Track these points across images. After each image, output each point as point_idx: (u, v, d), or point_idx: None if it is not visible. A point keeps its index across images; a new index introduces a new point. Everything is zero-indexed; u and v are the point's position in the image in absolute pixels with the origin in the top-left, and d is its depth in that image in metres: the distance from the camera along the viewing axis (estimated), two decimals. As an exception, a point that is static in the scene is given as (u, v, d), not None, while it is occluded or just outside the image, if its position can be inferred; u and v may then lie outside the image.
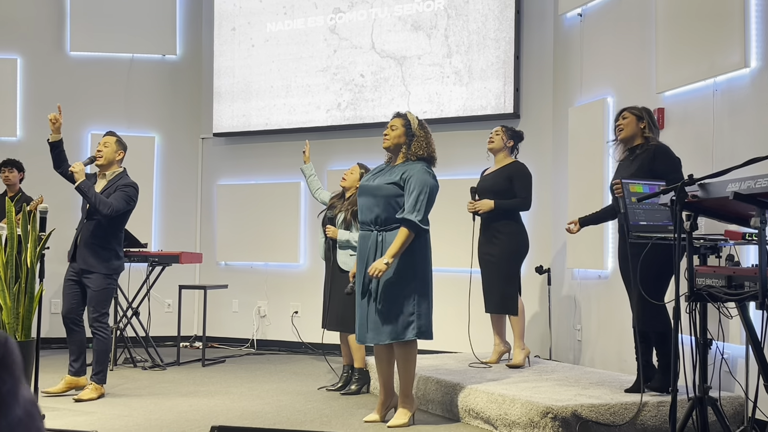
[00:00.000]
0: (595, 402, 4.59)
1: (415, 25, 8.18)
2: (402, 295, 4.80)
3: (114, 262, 5.88)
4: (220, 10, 9.26)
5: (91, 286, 5.78)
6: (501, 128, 6.18)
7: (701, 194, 3.42)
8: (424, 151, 4.92)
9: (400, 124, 4.98)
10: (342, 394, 6.07)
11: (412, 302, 4.81)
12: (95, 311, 5.77)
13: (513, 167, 6.05)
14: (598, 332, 6.50)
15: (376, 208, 4.87)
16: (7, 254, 4.98)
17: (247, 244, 9.07)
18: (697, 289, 3.58)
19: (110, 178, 5.96)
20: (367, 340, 4.93)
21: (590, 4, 6.73)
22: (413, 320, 4.80)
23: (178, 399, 5.87)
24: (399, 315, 4.79)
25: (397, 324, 4.79)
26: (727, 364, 4.45)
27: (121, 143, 6.06)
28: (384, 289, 4.80)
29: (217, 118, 9.22)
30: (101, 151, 5.96)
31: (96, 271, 5.78)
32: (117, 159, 6.00)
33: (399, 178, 4.85)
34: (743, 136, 4.96)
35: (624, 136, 5.03)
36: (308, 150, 6.75)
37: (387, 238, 4.83)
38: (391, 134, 4.98)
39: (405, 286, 4.80)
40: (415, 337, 4.81)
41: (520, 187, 5.96)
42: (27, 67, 9.10)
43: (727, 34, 5.05)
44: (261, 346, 8.89)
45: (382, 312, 4.81)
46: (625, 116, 5.04)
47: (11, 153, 8.47)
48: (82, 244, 5.82)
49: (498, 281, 5.96)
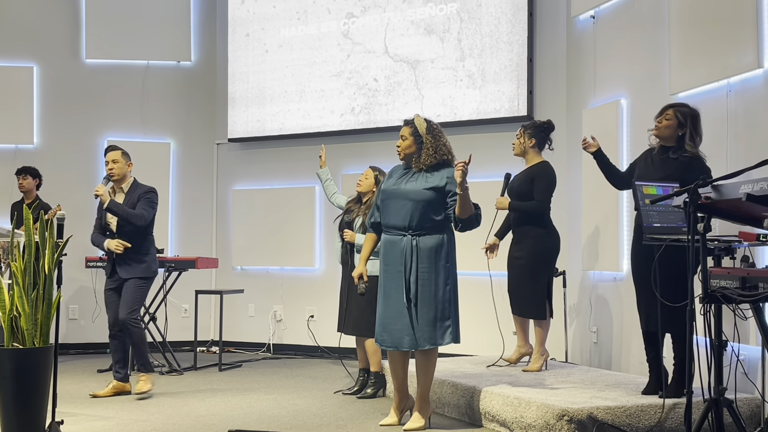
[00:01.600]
0: (611, 404, 4.59)
1: (428, 29, 8.20)
2: (439, 300, 4.80)
3: (152, 266, 6.30)
4: (234, 17, 9.31)
5: (128, 286, 6.16)
6: (521, 130, 6.09)
7: (714, 196, 3.42)
8: (433, 158, 4.88)
9: (408, 133, 4.96)
10: (358, 398, 6.08)
11: (449, 307, 4.83)
12: (128, 308, 6.12)
13: (537, 168, 5.95)
14: (613, 334, 6.49)
15: (415, 213, 4.81)
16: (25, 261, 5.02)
17: (262, 249, 9.11)
18: (711, 291, 3.58)
19: (126, 190, 6.28)
20: (405, 345, 4.84)
21: (603, 6, 6.73)
22: (450, 325, 4.82)
23: (196, 403, 5.90)
24: (437, 320, 4.79)
25: (435, 329, 4.79)
26: (743, 365, 4.44)
27: (126, 154, 6.36)
28: (422, 294, 4.79)
29: (231, 123, 9.27)
30: (113, 169, 6.25)
31: (134, 276, 6.18)
32: (128, 170, 6.33)
33: (442, 183, 4.83)
34: (757, 137, 4.95)
35: (660, 135, 4.91)
36: (324, 154, 6.77)
37: (421, 242, 4.81)
38: (402, 145, 4.98)
39: (442, 291, 4.80)
40: (450, 341, 4.83)
41: (538, 190, 5.87)
42: (43, 74, 9.17)
43: (741, 35, 5.04)
44: (277, 350, 8.92)
45: (421, 318, 4.78)
46: (669, 116, 4.89)
47: (28, 160, 8.54)
48: (122, 258, 6.18)
49: (525, 285, 5.90)
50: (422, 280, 4.78)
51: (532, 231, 5.90)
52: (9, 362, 4.80)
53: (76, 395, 6.19)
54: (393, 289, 4.87)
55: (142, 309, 7.55)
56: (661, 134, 4.92)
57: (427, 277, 4.78)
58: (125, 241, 6.15)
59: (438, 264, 4.80)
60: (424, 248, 4.79)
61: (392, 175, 5.06)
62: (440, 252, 4.82)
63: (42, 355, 4.90)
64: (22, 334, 4.92)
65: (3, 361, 4.82)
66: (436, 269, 4.80)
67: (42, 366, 4.87)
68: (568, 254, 7.24)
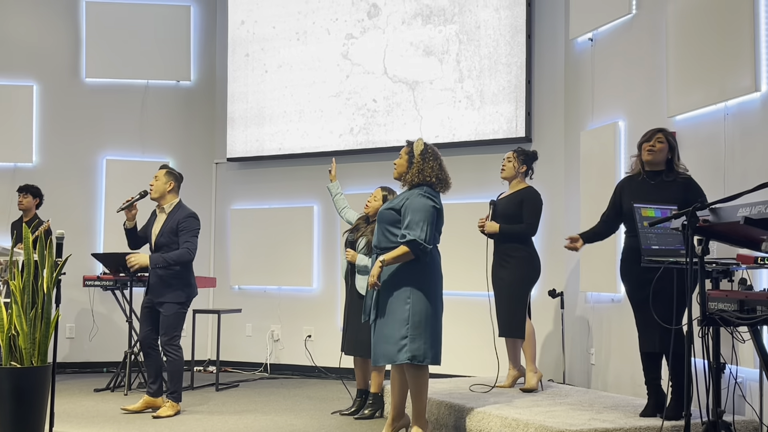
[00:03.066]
0: (609, 426, 4.59)
1: (426, 50, 8.25)
2: (394, 318, 4.82)
3: (186, 290, 6.28)
4: (233, 37, 9.35)
5: (164, 311, 6.16)
6: (512, 154, 6.15)
7: (712, 219, 3.43)
8: (416, 177, 4.94)
9: (405, 152, 5.06)
10: (356, 419, 6.07)
11: (405, 326, 4.80)
12: (166, 335, 6.15)
13: (524, 192, 6.04)
14: (611, 356, 6.49)
15: (379, 233, 4.98)
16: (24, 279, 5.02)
17: (260, 269, 9.11)
18: (709, 314, 3.59)
19: (168, 210, 6.33)
20: (374, 361, 5.05)
21: (601, 29, 6.77)
22: (405, 344, 4.79)
23: (192, 423, 5.89)
24: (391, 338, 4.82)
25: (390, 346, 4.82)
26: (741, 388, 4.45)
27: (172, 174, 6.39)
28: (380, 311, 4.88)
29: (230, 143, 9.30)
30: (152, 185, 6.34)
31: (169, 301, 6.16)
32: (168, 189, 6.35)
33: (400, 204, 4.91)
34: (754, 160, 4.97)
35: (653, 159, 4.94)
36: (334, 169, 6.74)
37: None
38: (397, 163, 5.08)
39: (398, 309, 4.82)
40: (407, 361, 4.78)
41: (527, 213, 5.94)
42: (43, 93, 9.19)
43: (738, 58, 5.08)
44: (274, 370, 8.90)
45: (378, 334, 4.91)
46: (661, 140, 4.93)
47: (27, 179, 8.55)
48: (155, 278, 6.22)
49: (507, 305, 5.95)
50: (382, 298, 4.87)
51: (516, 252, 5.94)
52: (7, 381, 4.80)
53: (73, 414, 6.18)
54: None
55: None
56: (656, 158, 4.94)
57: (386, 296, 4.86)
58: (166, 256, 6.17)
59: (398, 283, 4.83)
60: (385, 268, 4.84)
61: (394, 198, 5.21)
62: (401, 271, 4.84)
63: (40, 374, 4.90)
64: (20, 353, 4.92)
65: (1, 380, 4.82)
66: (395, 288, 4.84)
67: (40, 385, 4.87)
68: (566, 275, 7.25)
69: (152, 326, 6.22)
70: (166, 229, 6.22)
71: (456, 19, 8.10)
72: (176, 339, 6.16)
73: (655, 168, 4.96)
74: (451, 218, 7.16)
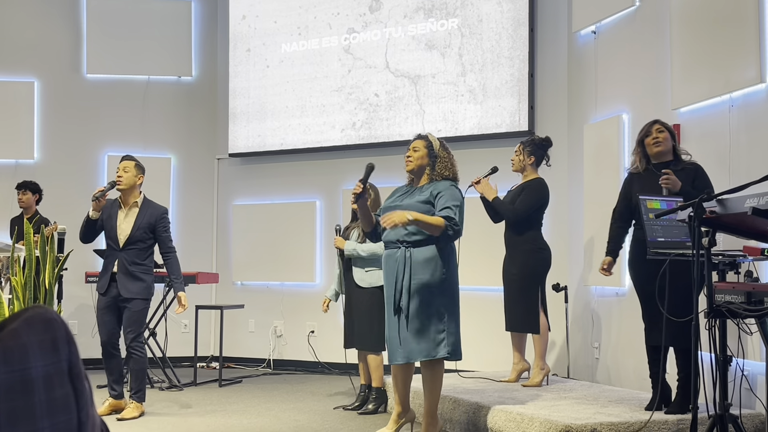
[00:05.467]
0: (614, 420, 4.56)
1: (429, 44, 8.21)
2: (432, 312, 4.70)
3: (151, 285, 6.08)
4: (235, 32, 9.33)
5: (131, 307, 5.92)
6: (519, 146, 6.12)
7: (719, 210, 3.40)
8: (450, 171, 4.90)
9: (423, 145, 4.93)
10: (359, 414, 6.05)
11: (443, 320, 4.72)
12: (132, 332, 5.92)
13: (530, 182, 6.01)
14: (615, 350, 6.47)
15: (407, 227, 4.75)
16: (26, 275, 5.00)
17: (263, 264, 9.09)
18: (716, 306, 3.56)
19: (140, 204, 6.07)
20: (399, 359, 4.77)
21: (604, 21, 6.74)
22: (444, 338, 4.71)
23: (195, 419, 5.87)
24: (430, 332, 4.69)
25: (429, 342, 4.69)
26: (748, 380, 4.41)
27: (140, 167, 6.14)
28: (414, 305, 4.69)
29: (232, 138, 9.27)
30: (121, 177, 6.04)
31: (137, 297, 5.94)
32: (138, 183, 6.09)
33: (430, 195, 4.79)
34: (760, 151, 4.94)
35: (662, 150, 4.92)
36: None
37: (415, 254, 4.72)
38: (414, 156, 4.93)
39: (434, 302, 4.70)
40: (447, 354, 4.70)
41: (521, 200, 5.93)
42: (44, 89, 9.17)
43: (743, 49, 5.04)
44: (277, 365, 8.88)
45: (412, 329, 4.69)
46: (660, 129, 4.93)
47: (29, 175, 8.53)
48: (123, 274, 5.94)
49: (519, 299, 5.92)
50: (414, 291, 4.69)
51: (526, 245, 5.92)
52: (8, 377, 4.77)
53: (75, 411, 6.15)
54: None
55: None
56: (664, 148, 4.91)
57: (419, 289, 4.69)
58: (132, 259, 5.96)
59: (432, 275, 4.72)
60: (417, 259, 4.71)
61: (394, 194, 5.06)
62: (434, 263, 4.73)
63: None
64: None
65: (2, 376, 4.80)
66: (429, 280, 4.71)
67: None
68: (570, 269, 7.22)
69: (115, 326, 5.98)
70: (142, 224, 5.98)
71: (458, 12, 8.07)
72: (141, 336, 5.99)
73: (663, 159, 4.92)
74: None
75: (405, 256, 4.74)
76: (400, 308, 4.73)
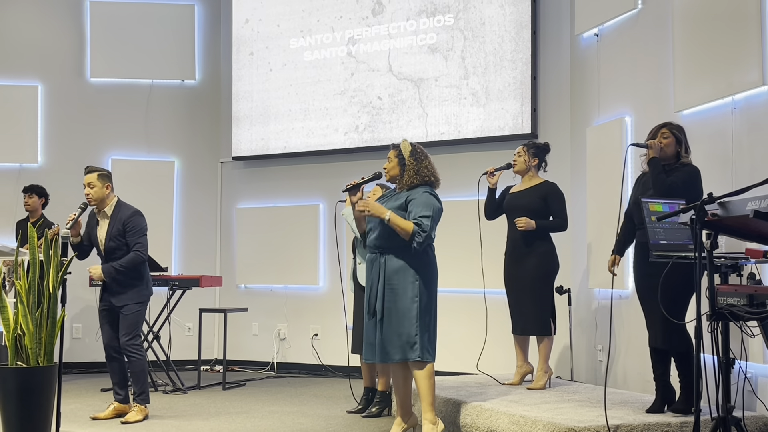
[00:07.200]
0: (618, 422, 4.56)
1: (431, 47, 8.22)
2: (404, 315, 4.83)
3: (144, 291, 6.02)
4: (238, 36, 9.34)
5: (124, 312, 5.91)
6: (522, 148, 6.12)
7: (721, 213, 3.40)
8: (414, 179, 4.99)
9: (393, 155, 5.11)
10: (363, 417, 6.06)
11: (415, 322, 4.83)
12: (127, 334, 5.89)
13: (546, 187, 6.01)
14: (619, 352, 6.46)
15: (383, 232, 4.92)
16: (30, 279, 5.01)
17: (266, 267, 9.09)
18: (718, 308, 3.56)
19: (110, 213, 5.98)
20: (375, 359, 4.97)
21: (607, 24, 6.74)
22: (416, 341, 4.82)
23: (199, 423, 5.88)
24: (402, 336, 4.82)
25: (403, 344, 4.83)
26: (750, 383, 4.41)
27: (104, 176, 5.99)
28: (387, 308, 4.86)
29: (236, 141, 9.29)
30: (89, 194, 5.94)
31: (128, 302, 5.93)
32: (107, 193, 5.97)
33: (404, 201, 4.93)
34: (762, 154, 4.94)
35: (661, 155, 4.91)
36: None
37: (388, 260, 4.90)
38: (387, 166, 5.13)
39: (407, 306, 4.83)
40: (419, 358, 4.82)
41: (557, 209, 5.96)
42: (48, 93, 9.20)
43: (745, 52, 5.05)
44: (281, 369, 8.89)
45: (387, 332, 4.86)
46: (666, 134, 4.92)
47: (33, 179, 8.55)
48: (111, 283, 5.93)
49: (531, 303, 5.91)
50: (388, 296, 4.86)
51: (537, 248, 5.92)
52: (13, 381, 4.79)
53: (79, 414, 6.17)
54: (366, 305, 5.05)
55: (146, 327, 7.56)
56: (666, 152, 4.91)
57: (392, 294, 4.86)
58: (117, 265, 5.89)
59: (404, 281, 4.85)
60: (390, 266, 4.88)
61: (383, 198, 5.20)
62: (407, 270, 4.86)
63: (46, 374, 4.89)
64: (26, 352, 4.91)
65: (7, 380, 4.81)
66: (402, 286, 4.85)
67: (46, 385, 4.86)
68: (573, 272, 7.22)
69: (114, 329, 5.98)
70: (113, 232, 5.91)
71: (460, 15, 8.07)
72: (137, 339, 5.95)
73: (665, 163, 4.92)
74: (457, 215, 7.17)
75: (380, 261, 4.94)
76: (374, 312, 4.92)
